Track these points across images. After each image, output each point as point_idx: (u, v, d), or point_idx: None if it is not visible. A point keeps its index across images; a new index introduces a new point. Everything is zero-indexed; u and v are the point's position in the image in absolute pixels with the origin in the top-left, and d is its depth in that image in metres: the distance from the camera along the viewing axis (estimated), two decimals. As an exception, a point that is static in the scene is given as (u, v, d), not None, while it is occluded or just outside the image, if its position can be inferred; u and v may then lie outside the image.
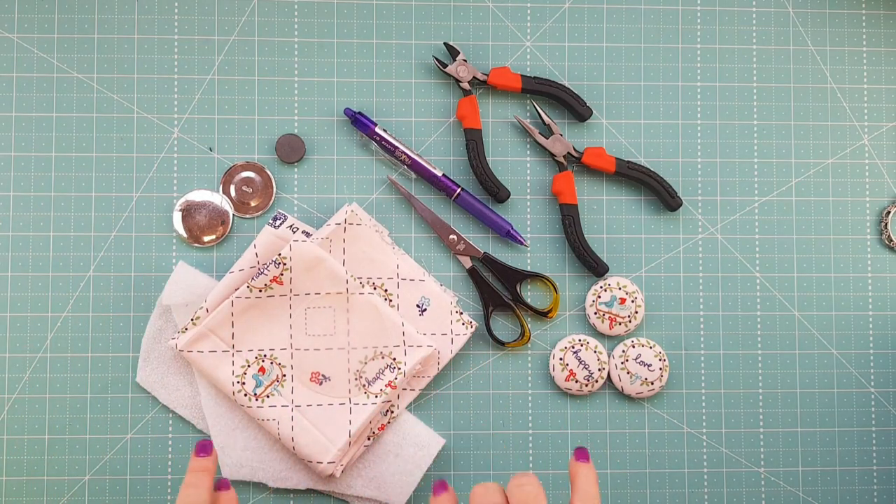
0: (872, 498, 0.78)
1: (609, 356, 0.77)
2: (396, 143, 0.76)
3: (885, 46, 0.80)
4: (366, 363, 0.73)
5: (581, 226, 0.77)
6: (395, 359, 0.73)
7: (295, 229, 0.74)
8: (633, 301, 0.77)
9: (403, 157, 0.76)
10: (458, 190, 0.76)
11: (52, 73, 0.76)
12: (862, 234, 0.79)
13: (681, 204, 0.77)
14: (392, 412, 0.74)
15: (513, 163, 0.78)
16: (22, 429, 0.74)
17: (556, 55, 0.78)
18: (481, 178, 0.76)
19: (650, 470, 0.77)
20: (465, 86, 0.76)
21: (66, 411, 0.75)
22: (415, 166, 0.76)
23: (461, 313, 0.76)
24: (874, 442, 0.78)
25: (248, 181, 0.76)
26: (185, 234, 0.75)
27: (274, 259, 0.72)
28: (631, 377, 0.76)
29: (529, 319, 0.77)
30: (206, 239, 0.75)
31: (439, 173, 0.76)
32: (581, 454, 0.63)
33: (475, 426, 0.77)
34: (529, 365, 0.77)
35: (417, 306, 0.75)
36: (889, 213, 0.79)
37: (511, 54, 0.78)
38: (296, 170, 0.77)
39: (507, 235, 0.76)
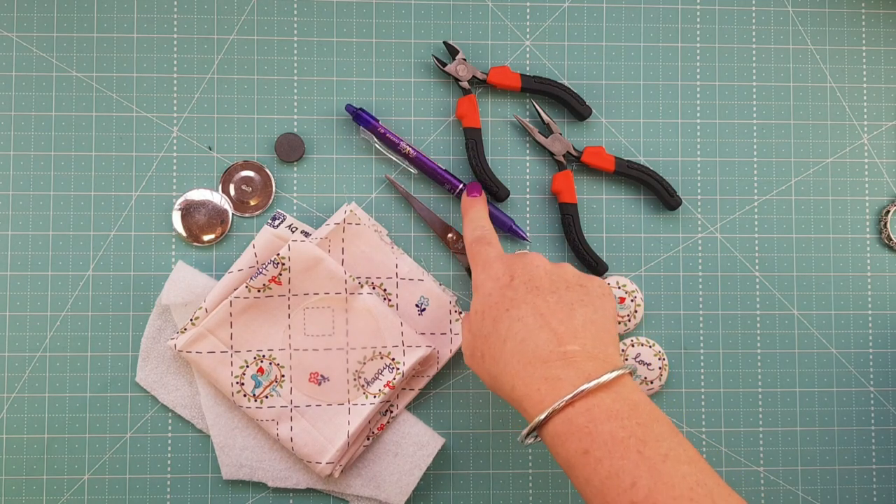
0: (871, 497, 0.78)
1: (608, 355, 0.77)
2: (398, 139, 0.75)
3: (885, 45, 0.80)
4: (364, 363, 0.73)
5: (580, 225, 0.77)
6: (393, 359, 0.73)
7: (294, 229, 0.74)
8: (632, 300, 0.77)
9: (407, 150, 0.75)
10: (461, 186, 0.76)
11: (52, 72, 0.76)
12: (861, 234, 0.79)
13: (680, 203, 0.77)
14: (391, 412, 0.74)
15: (512, 162, 0.78)
16: (21, 428, 0.74)
17: (555, 54, 0.78)
18: (481, 177, 0.76)
19: (649, 469, 0.77)
20: (465, 85, 0.76)
21: (66, 410, 0.75)
22: (418, 160, 0.75)
23: (460, 312, 0.76)
24: (873, 441, 0.78)
25: (247, 180, 0.76)
26: (184, 234, 0.75)
27: (272, 259, 0.72)
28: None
29: (529, 318, 0.77)
30: (205, 238, 0.75)
31: (442, 168, 0.76)
32: (473, 189, 0.73)
33: (474, 425, 0.77)
34: (529, 364, 0.77)
35: (417, 306, 0.75)
36: (888, 212, 0.78)
37: (510, 53, 0.78)
38: (295, 169, 0.77)
39: (510, 231, 0.76)
